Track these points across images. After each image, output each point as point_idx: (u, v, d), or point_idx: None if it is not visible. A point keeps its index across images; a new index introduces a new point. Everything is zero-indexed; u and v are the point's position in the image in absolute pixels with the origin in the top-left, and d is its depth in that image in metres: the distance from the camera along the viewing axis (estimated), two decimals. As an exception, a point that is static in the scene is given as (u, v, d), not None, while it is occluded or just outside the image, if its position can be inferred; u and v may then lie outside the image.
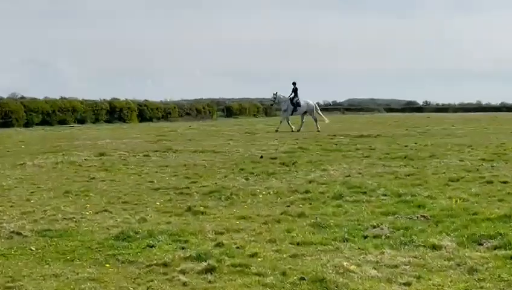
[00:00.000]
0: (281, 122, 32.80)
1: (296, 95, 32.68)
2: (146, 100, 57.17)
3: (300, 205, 9.40)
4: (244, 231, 7.65)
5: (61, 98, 51.63)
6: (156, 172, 13.91)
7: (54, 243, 7.15)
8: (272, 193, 10.64)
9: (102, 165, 15.22)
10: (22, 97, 62.59)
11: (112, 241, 7.18)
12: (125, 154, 17.92)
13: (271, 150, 19.38)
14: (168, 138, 25.89)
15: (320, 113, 34.22)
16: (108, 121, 48.38)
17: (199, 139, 25.05)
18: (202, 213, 8.86)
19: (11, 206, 9.60)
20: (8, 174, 13.52)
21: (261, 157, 16.85)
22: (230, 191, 10.67)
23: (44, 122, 43.01)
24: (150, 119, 52.46)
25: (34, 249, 6.90)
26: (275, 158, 16.40)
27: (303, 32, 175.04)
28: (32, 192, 11.02)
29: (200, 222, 8.27)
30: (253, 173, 13.30)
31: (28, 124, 41.46)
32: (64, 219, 8.54)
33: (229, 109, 66.80)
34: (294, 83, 33.03)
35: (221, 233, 7.52)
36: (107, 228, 7.91)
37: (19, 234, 7.60)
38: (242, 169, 14.09)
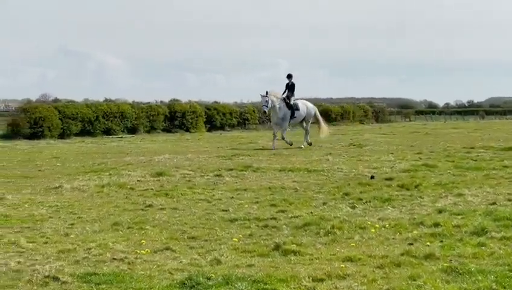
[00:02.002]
0: (283, 138, 30.29)
1: (291, 93, 30.61)
2: (216, 102, 57.95)
3: (428, 243, 9.27)
4: (351, 278, 7.61)
5: (106, 100, 53.05)
6: (232, 197, 14.05)
7: (102, 292, 7.32)
8: (387, 226, 10.56)
9: (161, 189, 15.50)
10: (56, 100, 64.81)
11: (176, 289, 7.28)
12: (190, 174, 18.17)
13: (385, 168, 19.23)
14: (245, 152, 26.08)
15: (321, 119, 32.66)
16: (167, 130, 49.21)
17: (287, 154, 25.14)
18: (294, 253, 8.87)
19: (45, 242, 9.91)
20: (40, 201, 13.98)
21: (372, 177, 16.74)
22: (331, 224, 10.64)
23: (84, 132, 44.17)
24: (221, 127, 53.02)
25: (76, 299, 7.09)
26: (391, 179, 16.26)
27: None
28: (71, 224, 11.34)
29: (292, 264, 8.29)
30: (361, 200, 13.24)
31: (63, 135, 42.72)
32: (114, 259, 8.73)
33: (327, 113, 66.66)
34: (289, 76, 30.94)
35: (321, 280, 7.50)
36: (170, 272, 8.03)
37: (55, 279, 7.81)
38: (346, 194, 14.04)
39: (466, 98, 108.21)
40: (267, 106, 29.96)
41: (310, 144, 30.03)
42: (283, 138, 30.24)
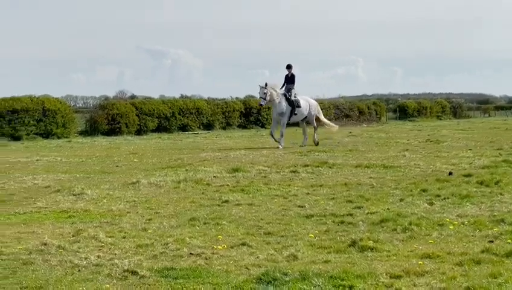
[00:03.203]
0: (281, 137, 28.26)
1: (291, 85, 28.49)
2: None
3: (509, 241, 9.12)
4: (430, 275, 7.54)
5: (182, 96, 53.51)
6: (308, 193, 14.06)
7: (180, 286, 7.39)
8: (466, 223, 10.45)
9: (237, 185, 15.60)
10: (132, 96, 65.73)
11: (253, 284, 7.32)
12: (265, 170, 18.26)
13: (463, 164, 19.01)
14: (321, 149, 26.09)
15: (323, 117, 31.03)
16: (242, 126, 49.43)
17: (363, 150, 25.06)
18: (371, 249, 8.84)
19: (124, 237, 10.07)
20: (118, 196, 14.21)
21: (450, 174, 16.56)
22: (408, 220, 10.57)
23: (160, 129, 44.70)
24: (297, 123, 52.95)
25: (154, 293, 7.18)
26: (470, 175, 16.07)
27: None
28: (149, 219, 11.50)
29: (368, 261, 8.26)
30: (439, 196, 13.12)
31: (140, 131, 43.31)
32: (191, 254, 8.83)
33: (403, 109, 66.17)
34: (289, 66, 28.59)
35: (399, 277, 7.45)
36: (247, 267, 8.08)
37: (134, 273, 7.93)
38: (424, 190, 13.93)
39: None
40: (264, 99, 27.97)
41: (317, 144, 28.43)
42: (281, 136, 28.15)
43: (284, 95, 28.19)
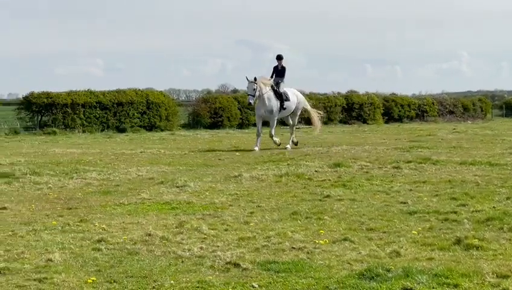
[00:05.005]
0: (271, 135, 25.94)
1: (281, 78, 25.79)
2: (393, 94, 57.48)
3: None
4: (538, 276, 7.36)
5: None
6: (410, 190, 13.91)
7: (282, 280, 7.44)
8: None
9: (339, 180, 15.57)
10: (234, 90, 66.31)
11: (355, 280, 7.30)
12: (367, 166, 18.16)
13: None
14: (424, 145, 25.75)
15: (313, 112, 28.62)
16: (344, 121, 49.33)
17: (468, 147, 24.63)
18: (477, 248, 8.67)
19: (226, 229, 10.18)
20: (220, 189, 14.36)
21: (559, 172, 16.13)
22: (515, 219, 10.36)
23: (262, 123, 44.69)
24: (399, 119, 52.58)
25: (256, 286, 7.24)
26: None
27: None
28: (251, 212, 11.59)
29: (474, 259, 8.13)
30: (548, 195, 12.80)
31: (242, 125, 43.70)
32: (293, 248, 8.86)
33: (510, 106, 64.70)
34: (279, 57, 25.83)
35: (506, 276, 7.30)
36: (349, 263, 8.07)
37: (236, 265, 8.02)
38: (532, 189, 13.62)
39: None
40: (253, 96, 24.90)
41: (296, 144, 26.19)
42: (271, 136, 25.81)
43: (272, 87, 25.31)
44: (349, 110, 50.23)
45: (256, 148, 24.56)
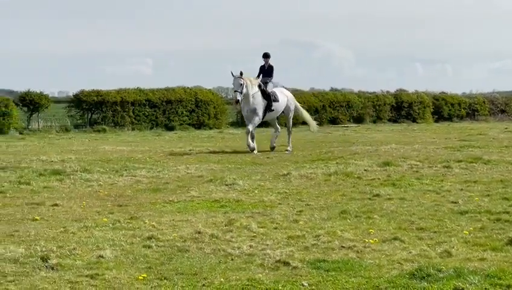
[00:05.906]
0: (248, 133, 23.33)
1: (268, 78, 24.08)
2: (443, 92, 56.89)
3: None
4: None
5: (332, 89, 53.38)
6: (461, 189, 13.79)
7: (331, 279, 7.44)
8: None
9: (388, 179, 15.48)
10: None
11: (405, 279, 7.28)
12: (417, 165, 18.03)
13: None
14: (475, 144, 25.48)
15: (304, 112, 26.94)
16: (393, 120, 48.98)
17: (520, 146, 24.30)
18: (530, 249, 8.59)
19: (275, 228, 10.21)
20: (269, 187, 14.39)
21: None
22: None
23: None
24: (449, 118, 52.06)
25: (306, 284, 7.24)
26: None
27: None
28: (300, 211, 11.60)
29: (527, 261, 8.04)
30: None
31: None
32: (343, 247, 8.86)
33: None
34: (266, 55, 24.09)
35: (559, 278, 7.21)
36: (399, 262, 8.04)
37: (286, 264, 8.04)
38: None
39: None
40: (240, 92, 22.73)
41: (272, 148, 24.16)
42: (247, 132, 23.34)
43: (259, 86, 23.48)
44: (399, 108, 49.86)
45: (254, 151, 22.99)
